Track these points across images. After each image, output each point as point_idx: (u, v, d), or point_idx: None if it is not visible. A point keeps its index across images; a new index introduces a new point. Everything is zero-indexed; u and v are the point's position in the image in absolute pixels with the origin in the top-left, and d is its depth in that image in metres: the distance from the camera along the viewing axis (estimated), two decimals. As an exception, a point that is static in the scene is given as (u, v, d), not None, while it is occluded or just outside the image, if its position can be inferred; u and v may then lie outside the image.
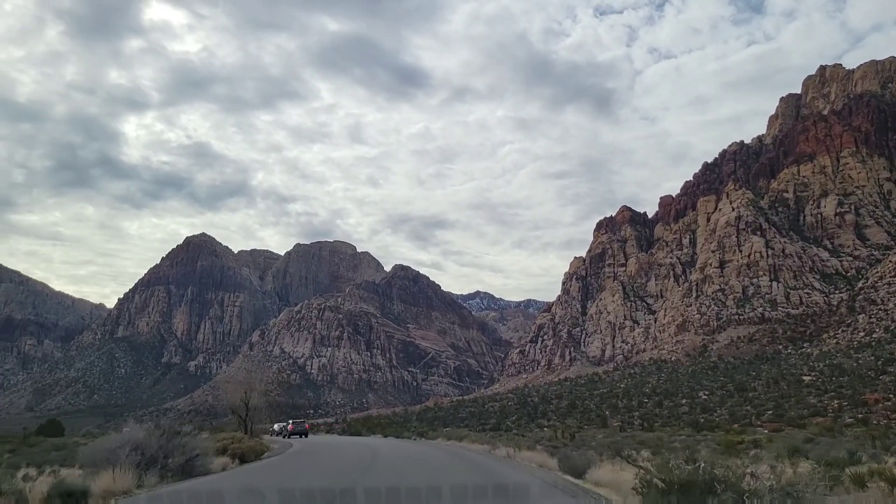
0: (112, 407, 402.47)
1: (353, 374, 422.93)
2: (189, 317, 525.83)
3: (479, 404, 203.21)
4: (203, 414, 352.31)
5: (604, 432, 74.40)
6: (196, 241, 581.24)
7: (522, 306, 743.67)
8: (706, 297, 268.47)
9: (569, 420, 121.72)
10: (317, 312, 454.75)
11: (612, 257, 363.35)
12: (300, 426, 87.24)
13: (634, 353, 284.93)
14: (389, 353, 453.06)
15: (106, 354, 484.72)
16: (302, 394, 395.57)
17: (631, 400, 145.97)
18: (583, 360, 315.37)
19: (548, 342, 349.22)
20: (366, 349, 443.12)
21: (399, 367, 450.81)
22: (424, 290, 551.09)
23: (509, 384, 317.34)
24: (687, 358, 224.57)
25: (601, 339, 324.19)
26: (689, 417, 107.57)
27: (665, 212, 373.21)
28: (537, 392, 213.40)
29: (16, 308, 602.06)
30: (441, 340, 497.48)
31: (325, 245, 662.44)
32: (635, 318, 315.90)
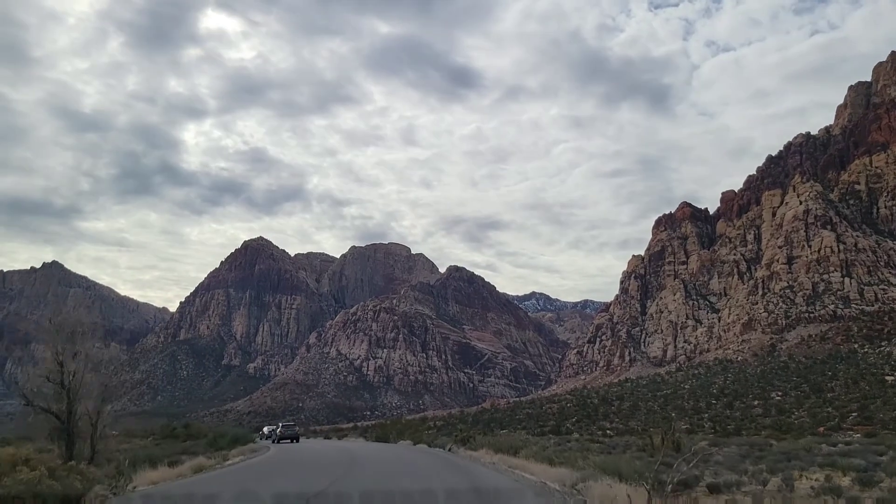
0: (175, 408, 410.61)
1: (409, 375, 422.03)
2: (248, 320, 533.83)
3: (536, 406, 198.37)
4: (262, 415, 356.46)
5: (707, 438, 62.84)
6: (254, 245, 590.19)
7: (579, 307, 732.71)
8: (773, 295, 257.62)
9: (632, 422, 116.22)
10: (372, 314, 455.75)
11: (672, 255, 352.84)
12: (290, 430, 78.55)
13: (698, 353, 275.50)
14: (445, 354, 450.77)
15: (169, 357, 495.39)
16: (359, 395, 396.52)
17: (698, 401, 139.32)
18: (643, 361, 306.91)
19: (606, 343, 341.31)
20: (421, 350, 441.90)
21: (455, 368, 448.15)
22: (480, 291, 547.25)
23: (567, 385, 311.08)
24: (754, 358, 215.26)
25: (662, 338, 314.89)
26: (766, 419, 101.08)
27: (727, 207, 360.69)
28: (597, 393, 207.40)
29: (84, 312, 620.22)
30: (497, 342, 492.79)
31: (380, 247, 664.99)
32: (698, 317, 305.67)
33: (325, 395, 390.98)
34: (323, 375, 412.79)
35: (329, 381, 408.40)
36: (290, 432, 76.97)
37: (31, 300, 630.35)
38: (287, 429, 77.98)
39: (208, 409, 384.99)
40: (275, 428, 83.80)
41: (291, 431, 77.42)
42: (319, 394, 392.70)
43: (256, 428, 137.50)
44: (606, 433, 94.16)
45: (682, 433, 57.03)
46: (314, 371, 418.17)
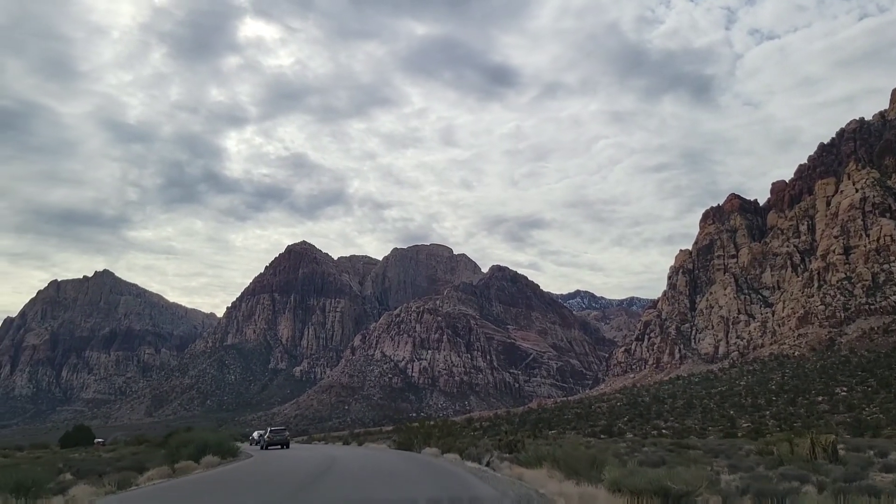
0: (223, 412, 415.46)
1: (454, 376, 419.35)
2: (293, 323, 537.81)
3: (585, 405, 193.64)
4: (308, 418, 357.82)
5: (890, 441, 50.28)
6: (297, 249, 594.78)
7: (625, 304, 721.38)
8: (830, 287, 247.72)
9: (688, 421, 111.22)
10: (416, 315, 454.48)
11: (721, 248, 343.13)
12: (279, 435, 73.60)
13: (751, 348, 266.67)
14: (490, 354, 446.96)
15: (217, 362, 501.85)
16: (404, 397, 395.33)
17: (756, 398, 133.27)
18: (694, 358, 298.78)
19: (655, 340, 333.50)
20: (466, 351, 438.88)
21: (500, 368, 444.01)
22: (523, 291, 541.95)
23: (616, 384, 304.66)
24: (813, 352, 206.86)
25: (713, 334, 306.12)
26: (835, 416, 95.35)
27: (778, 198, 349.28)
28: (647, 391, 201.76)
29: (135, 319, 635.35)
30: (542, 341, 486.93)
31: (422, 249, 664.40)
32: (750, 312, 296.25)
33: (371, 398, 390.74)
34: (368, 378, 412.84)
35: (374, 383, 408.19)
36: (280, 438, 72.24)
37: (84, 308, 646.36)
38: (276, 434, 73.18)
39: (255, 413, 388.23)
40: (263, 433, 78.53)
41: (281, 437, 72.58)
42: (365, 396, 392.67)
43: (245, 435, 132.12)
44: (662, 433, 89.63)
45: (837, 437, 41.35)
46: (359, 373, 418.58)
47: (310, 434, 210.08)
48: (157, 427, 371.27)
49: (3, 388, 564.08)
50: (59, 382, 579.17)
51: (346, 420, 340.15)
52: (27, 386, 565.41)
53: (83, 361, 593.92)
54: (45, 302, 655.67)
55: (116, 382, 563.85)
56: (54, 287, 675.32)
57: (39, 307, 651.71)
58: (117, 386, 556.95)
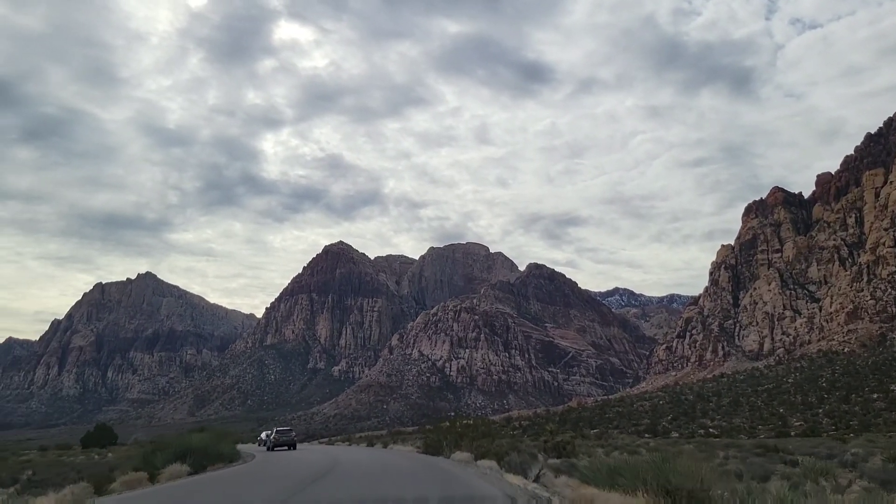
0: (264, 411, 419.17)
1: (492, 375, 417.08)
2: (331, 323, 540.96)
3: (626, 404, 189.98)
4: (348, 417, 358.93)
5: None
6: (334, 249, 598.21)
7: (665, 301, 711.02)
8: (881, 281, 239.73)
9: (735, 419, 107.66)
10: (453, 314, 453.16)
11: (764, 243, 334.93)
12: (285, 436, 71.17)
13: (798, 345, 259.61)
14: (528, 353, 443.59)
15: (257, 362, 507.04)
16: (442, 396, 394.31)
17: (807, 396, 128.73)
18: (738, 355, 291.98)
19: (697, 337, 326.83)
20: (504, 350, 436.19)
21: (539, 367, 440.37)
22: (561, 289, 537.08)
23: (657, 382, 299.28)
24: (863, 348, 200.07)
25: (758, 331, 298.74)
26: (892, 414, 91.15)
27: (823, 190, 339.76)
28: (690, 389, 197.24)
29: (177, 321, 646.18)
30: (581, 339, 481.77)
31: (459, 247, 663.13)
32: (796, 308, 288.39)
33: (409, 397, 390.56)
34: (406, 377, 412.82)
35: (412, 382, 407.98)
36: (286, 438, 70.03)
37: (128, 310, 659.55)
38: (282, 434, 70.78)
39: (295, 412, 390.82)
40: (270, 433, 75.86)
41: (287, 437, 70.35)
42: (403, 395, 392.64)
43: (253, 434, 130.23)
44: (709, 431, 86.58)
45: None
46: (397, 373, 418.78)
47: (348, 433, 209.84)
48: (201, 426, 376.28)
49: (52, 388, 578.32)
50: (104, 383, 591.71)
51: (384, 419, 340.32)
52: (74, 386, 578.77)
53: (128, 362, 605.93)
54: (91, 304, 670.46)
55: (160, 383, 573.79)
56: (99, 289, 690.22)
57: (85, 309, 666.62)
58: (160, 386, 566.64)
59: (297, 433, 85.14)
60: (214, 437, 41.24)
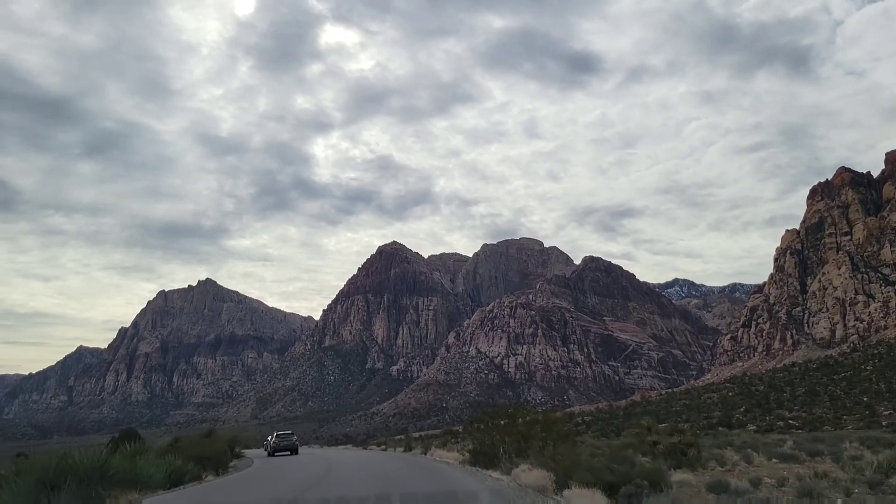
0: (324, 413, 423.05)
1: (550, 370, 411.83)
2: (387, 323, 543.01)
3: (692, 396, 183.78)
4: (407, 417, 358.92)
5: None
6: (388, 249, 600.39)
7: (727, 291, 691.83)
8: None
9: (816, 410, 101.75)
10: (509, 311, 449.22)
11: (832, 226, 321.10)
12: (286, 440, 67.45)
13: (873, 330, 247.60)
14: (587, 347, 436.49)
15: (316, 363, 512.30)
16: (501, 393, 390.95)
17: (891, 383, 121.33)
18: (808, 343, 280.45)
19: (763, 326, 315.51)
20: (562, 345, 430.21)
21: (599, 361, 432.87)
22: (618, 281, 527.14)
23: (723, 373, 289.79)
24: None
25: (828, 318, 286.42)
26: None
27: (893, 169, 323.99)
28: (761, 380, 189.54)
29: (237, 325, 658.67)
30: (641, 332, 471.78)
31: (512, 243, 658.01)
32: (870, 292, 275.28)
33: (468, 395, 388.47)
34: (464, 374, 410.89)
35: (470, 379, 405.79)
36: (287, 443, 66.60)
37: (190, 316, 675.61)
38: (282, 439, 67.44)
39: (356, 413, 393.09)
40: (271, 437, 72.20)
41: (288, 442, 66.76)
42: (462, 393, 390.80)
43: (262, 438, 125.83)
44: (789, 423, 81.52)
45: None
46: (455, 371, 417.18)
47: (408, 433, 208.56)
48: (263, 428, 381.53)
49: (122, 394, 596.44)
50: (171, 388, 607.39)
51: (444, 418, 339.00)
52: (142, 392, 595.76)
53: (192, 367, 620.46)
54: (155, 311, 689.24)
55: (223, 386, 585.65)
56: (162, 297, 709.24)
57: (150, 317, 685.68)
58: (224, 390, 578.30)
59: (358, 433, 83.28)
60: (202, 444, 39.13)
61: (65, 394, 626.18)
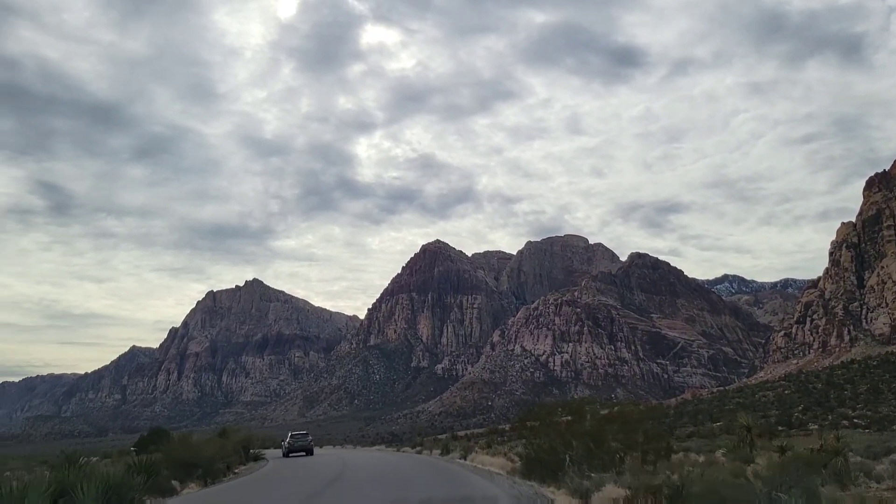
0: (370, 411, 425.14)
1: (597, 368, 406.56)
2: (431, 321, 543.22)
3: (746, 394, 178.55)
4: (453, 415, 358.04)
5: None
6: (431, 248, 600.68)
7: (779, 287, 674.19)
8: None
9: (881, 408, 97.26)
10: (554, 308, 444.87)
11: (891, 218, 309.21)
12: (301, 441, 66.03)
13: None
14: (634, 345, 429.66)
15: (361, 362, 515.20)
16: (547, 392, 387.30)
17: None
18: (867, 339, 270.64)
19: (819, 322, 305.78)
20: (609, 342, 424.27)
21: (646, 359, 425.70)
22: (666, 277, 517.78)
23: (776, 371, 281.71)
24: None
25: (888, 312, 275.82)
26: None
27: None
28: (818, 377, 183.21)
29: (284, 324, 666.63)
30: (690, 329, 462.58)
31: (557, 240, 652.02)
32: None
33: (514, 393, 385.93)
34: (509, 373, 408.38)
35: (516, 378, 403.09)
36: (301, 443, 65.36)
37: (238, 316, 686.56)
38: (297, 439, 66.29)
39: (401, 411, 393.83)
40: (285, 438, 70.77)
41: (303, 442, 65.49)
42: (508, 391, 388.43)
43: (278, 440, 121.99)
44: (854, 422, 77.78)
45: None
46: (500, 369, 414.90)
47: (453, 431, 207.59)
48: (310, 426, 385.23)
49: (173, 393, 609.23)
50: (220, 387, 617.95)
51: (489, 416, 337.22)
52: (193, 390, 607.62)
53: (240, 366, 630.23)
54: (204, 311, 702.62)
55: (271, 385, 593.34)
56: (211, 297, 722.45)
57: (199, 317, 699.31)
58: (272, 388, 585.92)
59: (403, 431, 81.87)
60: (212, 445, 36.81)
61: (119, 392, 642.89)
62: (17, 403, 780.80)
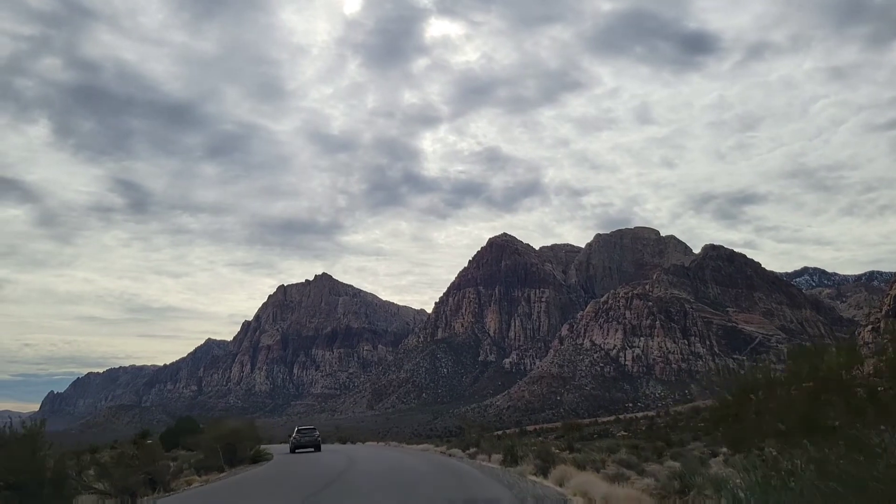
0: (438, 405, 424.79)
1: (670, 363, 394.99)
2: (499, 315, 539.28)
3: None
4: (521, 410, 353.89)
5: None
6: (498, 241, 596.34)
7: (864, 279, 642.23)
8: None
9: None
10: (624, 302, 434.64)
11: None
12: (307, 436, 63.15)
13: None
14: (709, 339, 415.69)
15: (429, 356, 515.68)
16: (618, 387, 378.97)
17: None
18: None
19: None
20: (682, 337, 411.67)
21: (722, 354, 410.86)
22: (742, 270, 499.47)
23: (864, 367, 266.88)
24: None
25: None
26: None
27: None
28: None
29: (352, 318, 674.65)
30: (768, 323, 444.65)
31: (626, 233, 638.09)
32: None
33: (583, 388, 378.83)
34: (578, 367, 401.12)
35: (585, 372, 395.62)
36: (308, 439, 62.54)
37: (308, 310, 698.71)
38: (303, 435, 63.79)
39: (469, 405, 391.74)
40: (291, 433, 68.22)
41: (309, 438, 63.13)
42: (577, 386, 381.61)
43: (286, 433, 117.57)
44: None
45: None
46: (569, 363, 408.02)
47: (522, 426, 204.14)
48: (378, 419, 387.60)
49: (246, 384, 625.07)
50: (291, 379, 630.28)
51: (559, 411, 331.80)
52: (265, 382, 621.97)
53: (310, 359, 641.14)
54: (275, 305, 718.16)
55: (340, 378, 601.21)
56: (282, 291, 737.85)
57: (271, 310, 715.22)
58: (341, 381, 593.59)
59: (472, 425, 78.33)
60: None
61: (195, 384, 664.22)
62: (101, 393, 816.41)
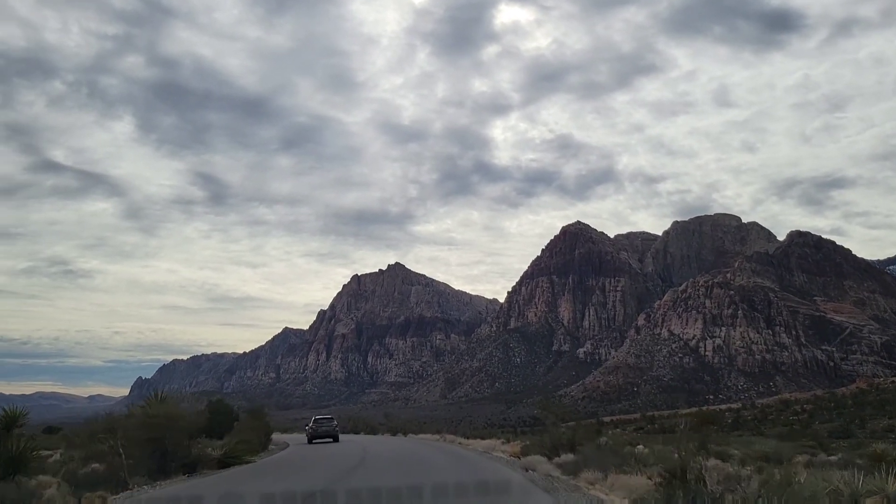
0: (511, 394, 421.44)
1: (753, 354, 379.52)
2: (573, 304, 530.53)
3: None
4: (596, 400, 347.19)
5: None
6: (572, 230, 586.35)
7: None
8: None
9: None
10: (704, 290, 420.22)
11: None
12: (325, 426, 60.64)
13: None
14: (796, 330, 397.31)
15: (502, 345, 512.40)
16: (698, 378, 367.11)
17: None
18: None
19: None
20: (766, 327, 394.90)
21: (809, 345, 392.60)
22: (831, 258, 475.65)
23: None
24: None
25: None
26: None
27: None
28: None
29: (425, 307, 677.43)
30: (860, 313, 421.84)
31: (706, 220, 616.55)
32: None
33: (661, 379, 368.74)
34: (656, 358, 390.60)
35: (663, 363, 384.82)
36: (326, 429, 60.61)
37: (381, 299, 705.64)
38: (320, 424, 61.43)
39: (543, 395, 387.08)
40: (309, 423, 65.96)
41: (327, 427, 60.72)
42: (654, 377, 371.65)
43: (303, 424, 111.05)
44: None
45: None
46: (646, 353, 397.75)
47: (598, 416, 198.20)
48: (451, 408, 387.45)
49: (322, 372, 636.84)
50: (366, 367, 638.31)
51: (635, 402, 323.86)
52: (340, 371, 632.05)
53: (384, 348, 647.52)
54: (350, 295, 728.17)
55: (413, 367, 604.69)
56: (356, 281, 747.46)
57: (345, 300, 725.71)
58: (414, 370, 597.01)
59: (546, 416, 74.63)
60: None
61: (273, 371, 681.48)
62: (186, 379, 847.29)
